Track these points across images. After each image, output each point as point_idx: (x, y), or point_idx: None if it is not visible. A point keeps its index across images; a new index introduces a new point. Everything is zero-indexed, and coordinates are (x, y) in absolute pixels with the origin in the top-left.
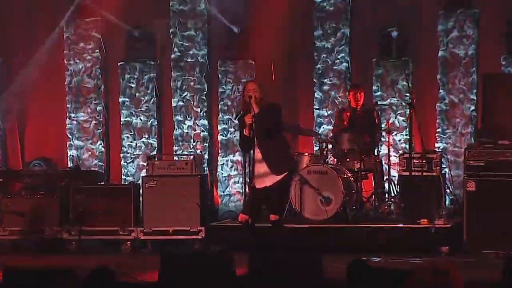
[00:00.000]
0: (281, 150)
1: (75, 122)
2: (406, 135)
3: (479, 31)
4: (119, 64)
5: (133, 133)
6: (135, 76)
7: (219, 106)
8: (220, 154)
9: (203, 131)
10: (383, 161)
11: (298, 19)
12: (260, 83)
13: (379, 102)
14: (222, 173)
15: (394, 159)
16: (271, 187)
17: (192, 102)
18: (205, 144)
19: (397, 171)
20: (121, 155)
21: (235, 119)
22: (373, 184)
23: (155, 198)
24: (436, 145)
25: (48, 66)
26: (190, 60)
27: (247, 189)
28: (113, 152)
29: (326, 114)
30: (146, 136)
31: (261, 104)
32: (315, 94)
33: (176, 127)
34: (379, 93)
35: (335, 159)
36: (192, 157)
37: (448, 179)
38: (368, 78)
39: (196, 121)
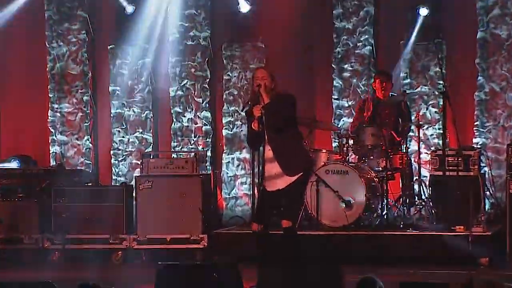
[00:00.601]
0: (295, 147)
1: (58, 114)
2: (439, 129)
3: None
4: (109, 47)
5: (125, 127)
6: (128, 62)
7: (224, 96)
8: (225, 151)
9: (205, 124)
10: (413, 159)
11: None
12: (270, 70)
13: (408, 91)
14: (228, 173)
15: (425, 156)
16: (283, 189)
17: (193, 92)
18: (207, 139)
19: (428, 170)
20: (112, 152)
21: (242, 111)
22: (400, 186)
23: (151, 201)
24: (474, 140)
25: (27, 49)
26: (190, 42)
27: (256, 192)
28: (102, 148)
29: (346, 105)
30: (140, 131)
31: (272, 94)
32: (334, 82)
33: (174, 120)
34: (408, 80)
35: (357, 157)
36: (193, 154)
37: (488, 179)
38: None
39: (198, 113)
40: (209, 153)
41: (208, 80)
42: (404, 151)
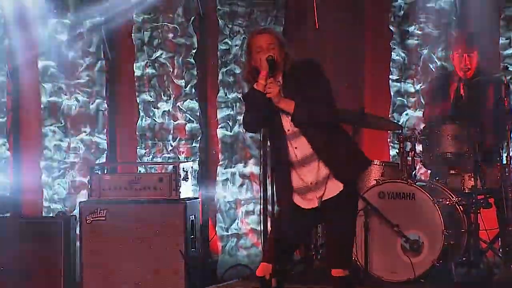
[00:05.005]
0: (345, 139)
1: None
2: None
3: None
4: None
5: (63, 124)
6: (67, 22)
7: (220, 76)
8: (220, 163)
9: (190, 121)
10: None
11: None
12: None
13: (510, 68)
14: (225, 197)
15: None
16: (329, 203)
17: (170, 69)
18: (194, 144)
19: None
20: (42, 164)
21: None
22: (498, 218)
23: (104, 241)
24: None
25: None
26: None
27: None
28: (27, 159)
29: (412, 90)
30: (88, 130)
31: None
32: (392, 53)
33: (141, 114)
34: (510, 51)
35: (430, 172)
36: (171, 167)
37: None
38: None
39: (178, 103)
40: (196, 166)
41: (194, 51)
42: (505, 162)
